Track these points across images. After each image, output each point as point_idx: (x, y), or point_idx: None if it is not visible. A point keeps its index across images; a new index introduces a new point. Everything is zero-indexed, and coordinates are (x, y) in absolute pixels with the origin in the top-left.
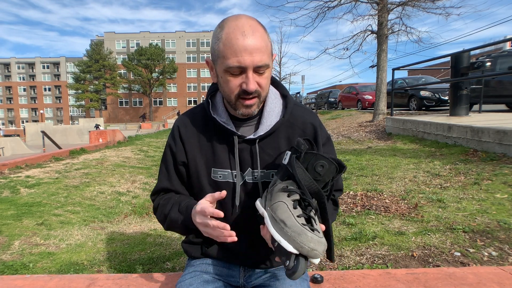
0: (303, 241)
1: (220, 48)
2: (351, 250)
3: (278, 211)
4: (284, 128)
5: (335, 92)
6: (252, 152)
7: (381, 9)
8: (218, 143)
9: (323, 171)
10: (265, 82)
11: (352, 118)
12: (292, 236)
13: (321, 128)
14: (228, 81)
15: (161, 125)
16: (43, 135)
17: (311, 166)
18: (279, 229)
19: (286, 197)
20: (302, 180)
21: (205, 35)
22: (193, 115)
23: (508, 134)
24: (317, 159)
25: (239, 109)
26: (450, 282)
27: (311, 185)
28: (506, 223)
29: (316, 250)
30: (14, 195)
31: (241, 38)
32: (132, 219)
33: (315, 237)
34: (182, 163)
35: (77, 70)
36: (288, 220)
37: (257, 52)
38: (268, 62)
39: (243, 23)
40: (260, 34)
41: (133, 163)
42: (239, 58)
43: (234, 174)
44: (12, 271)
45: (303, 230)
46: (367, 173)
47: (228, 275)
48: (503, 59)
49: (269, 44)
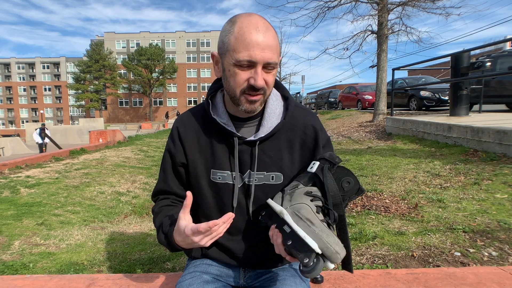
0: (330, 242)
1: (232, 41)
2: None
3: (303, 211)
4: (285, 130)
5: (335, 92)
6: (252, 154)
7: (381, 9)
8: (218, 144)
9: (348, 187)
10: (272, 80)
11: (352, 118)
12: (319, 235)
13: (321, 130)
14: (236, 74)
15: (161, 125)
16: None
17: (338, 180)
18: (305, 227)
19: (310, 201)
20: (330, 188)
21: (205, 35)
22: (192, 115)
23: (508, 134)
24: (346, 175)
25: (242, 104)
26: (450, 282)
27: (336, 196)
28: (506, 223)
29: (339, 254)
30: (14, 195)
31: (255, 33)
32: (132, 219)
33: (340, 242)
34: (182, 164)
35: (77, 70)
36: (314, 220)
37: (268, 49)
38: (277, 62)
39: (256, 20)
40: (272, 33)
41: (133, 163)
42: (251, 52)
43: (234, 175)
44: (12, 271)
45: (331, 232)
46: (367, 173)
47: (228, 276)
48: (503, 59)
49: (279, 45)
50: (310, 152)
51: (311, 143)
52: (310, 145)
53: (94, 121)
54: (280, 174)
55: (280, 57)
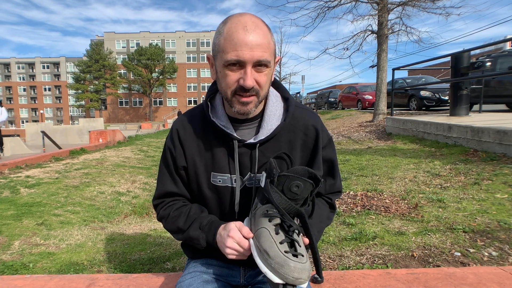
0: (287, 273)
1: (221, 43)
2: (351, 250)
3: (261, 239)
4: (286, 131)
5: (335, 92)
6: (252, 157)
7: (381, 9)
8: (217, 146)
9: (299, 191)
10: (264, 81)
11: (352, 118)
12: (276, 268)
13: (322, 130)
14: (226, 76)
15: (161, 125)
16: (43, 135)
17: (286, 188)
18: (264, 260)
19: (268, 222)
20: (280, 204)
21: (205, 35)
22: (191, 117)
23: (508, 134)
24: (291, 181)
25: (234, 106)
26: (450, 282)
27: (289, 207)
28: (506, 223)
29: (301, 278)
30: (14, 195)
31: (242, 33)
32: (132, 219)
33: (298, 265)
34: (182, 167)
35: (77, 70)
36: (271, 251)
37: (257, 48)
38: (269, 60)
39: (246, 20)
40: (262, 31)
41: (133, 163)
42: (238, 52)
43: (234, 178)
44: (12, 271)
45: (286, 260)
46: (367, 173)
47: (228, 275)
48: (503, 59)
49: (272, 43)
50: (311, 152)
51: (311, 144)
52: (310, 146)
53: (94, 121)
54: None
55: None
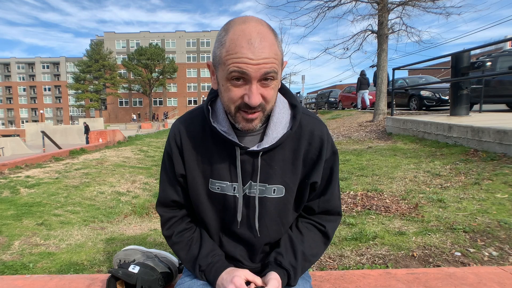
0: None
1: (223, 55)
2: (351, 250)
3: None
4: (291, 140)
5: (335, 92)
6: (254, 164)
7: (381, 8)
8: (217, 152)
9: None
10: (271, 95)
11: (352, 118)
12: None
13: (328, 141)
14: (229, 90)
15: (161, 125)
16: (43, 135)
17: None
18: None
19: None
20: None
21: (205, 35)
22: (191, 121)
23: (508, 134)
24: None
25: (239, 122)
26: (451, 282)
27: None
28: (507, 223)
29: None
30: (14, 195)
31: (247, 47)
32: (132, 219)
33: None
34: (181, 175)
35: (77, 70)
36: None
37: (264, 62)
38: (277, 71)
39: (250, 30)
40: (268, 43)
41: (133, 163)
42: (243, 69)
43: (234, 186)
44: (12, 271)
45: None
46: (368, 173)
47: None
48: (504, 59)
49: (279, 52)
50: (313, 163)
51: (314, 154)
52: (313, 156)
53: (94, 121)
54: (282, 187)
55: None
